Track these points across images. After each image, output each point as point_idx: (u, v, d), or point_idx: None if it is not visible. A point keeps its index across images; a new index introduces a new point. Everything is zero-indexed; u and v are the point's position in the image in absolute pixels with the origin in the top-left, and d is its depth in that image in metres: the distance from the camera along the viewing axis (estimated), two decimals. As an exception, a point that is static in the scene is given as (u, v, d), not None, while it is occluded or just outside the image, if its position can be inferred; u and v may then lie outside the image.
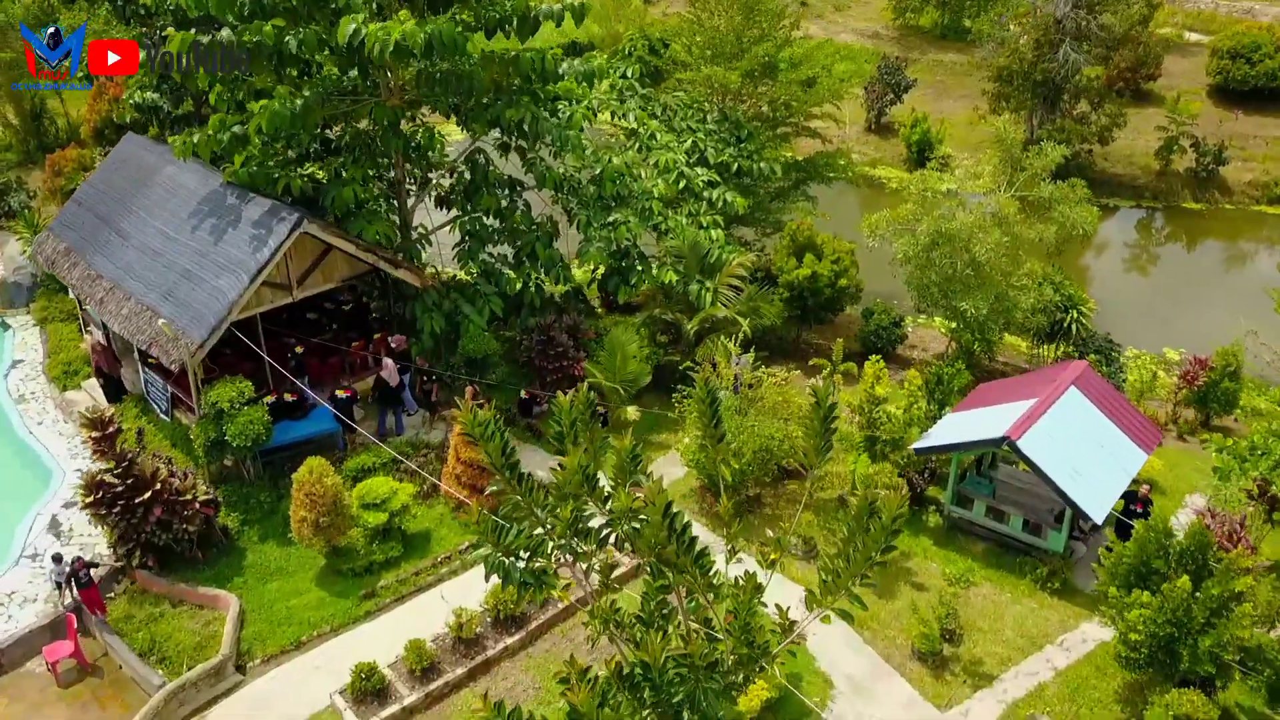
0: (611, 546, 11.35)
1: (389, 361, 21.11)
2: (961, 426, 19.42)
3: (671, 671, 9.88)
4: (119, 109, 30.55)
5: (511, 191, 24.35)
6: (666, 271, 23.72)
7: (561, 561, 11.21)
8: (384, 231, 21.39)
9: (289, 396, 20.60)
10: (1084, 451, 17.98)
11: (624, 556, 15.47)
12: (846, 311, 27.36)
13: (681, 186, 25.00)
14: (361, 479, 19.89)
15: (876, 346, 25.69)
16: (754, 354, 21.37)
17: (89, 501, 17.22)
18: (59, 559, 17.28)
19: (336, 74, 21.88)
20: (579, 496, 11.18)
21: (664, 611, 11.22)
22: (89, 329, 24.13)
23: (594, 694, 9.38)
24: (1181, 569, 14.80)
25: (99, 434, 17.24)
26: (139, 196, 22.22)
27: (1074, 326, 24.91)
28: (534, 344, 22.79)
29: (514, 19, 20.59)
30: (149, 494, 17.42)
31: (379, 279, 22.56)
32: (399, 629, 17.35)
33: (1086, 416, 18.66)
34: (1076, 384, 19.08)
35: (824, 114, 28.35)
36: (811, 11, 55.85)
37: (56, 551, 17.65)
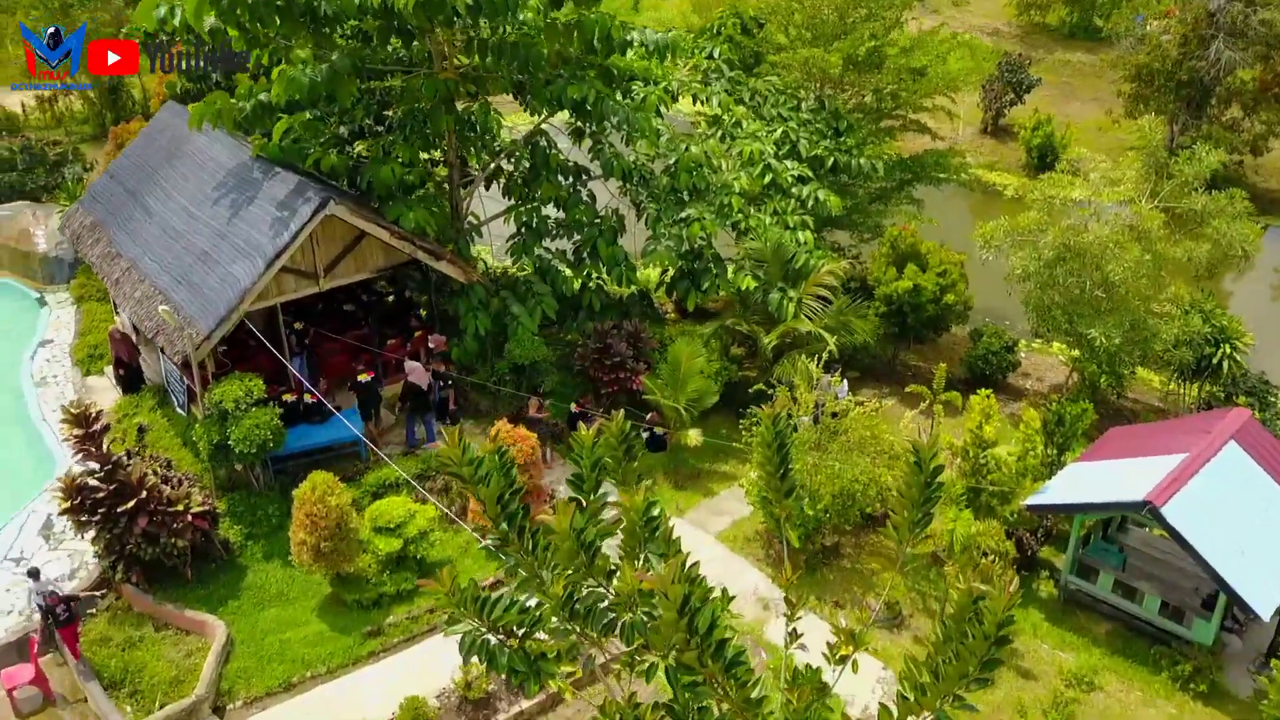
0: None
1: (414, 364, 18.73)
2: (1088, 481, 16.03)
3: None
4: (184, 80, 29.12)
5: (575, 180, 21.79)
6: (744, 277, 20.80)
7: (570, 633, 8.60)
8: (424, 219, 19.02)
9: (308, 398, 18.39)
10: (1246, 524, 14.44)
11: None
12: (952, 331, 23.99)
13: (767, 181, 22.04)
14: (384, 495, 17.59)
15: (984, 373, 22.30)
16: (840, 376, 18.39)
17: (67, 507, 15.22)
18: (36, 575, 15.07)
19: (391, 42, 19.67)
20: (576, 569, 8.56)
21: (699, 707, 8.47)
22: (120, 311, 22.49)
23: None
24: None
25: (81, 431, 15.25)
26: (168, 170, 20.37)
27: (1225, 364, 21.08)
28: (589, 351, 20.17)
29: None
30: (133, 503, 15.35)
31: (421, 271, 20.23)
32: (403, 677, 14.96)
33: (1250, 480, 15.08)
34: (1237, 438, 15.48)
35: (936, 107, 24.97)
36: (928, 6, 52.09)
37: (34, 566, 15.47)
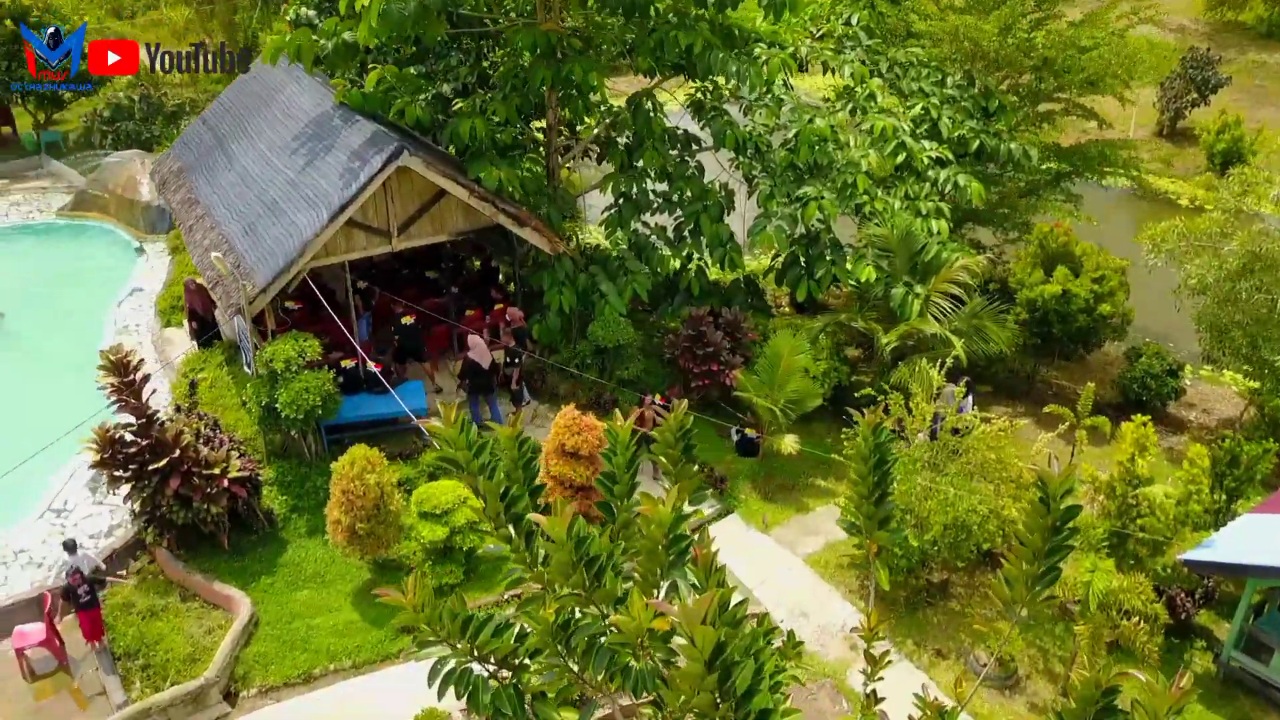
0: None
1: (477, 339, 17.07)
2: (1266, 537, 12.99)
3: None
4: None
5: (683, 150, 19.76)
6: (864, 267, 18.34)
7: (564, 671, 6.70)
8: (508, 179, 17.35)
9: (373, 365, 17.00)
10: None
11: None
12: (1105, 348, 20.86)
13: (900, 161, 19.49)
14: (439, 477, 16.04)
15: (1140, 399, 19.15)
16: (965, 387, 15.79)
17: (98, 460, 14.18)
18: (71, 547, 13.78)
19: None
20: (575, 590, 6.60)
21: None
22: (206, 263, 21.78)
23: None
24: None
25: (118, 380, 14.18)
26: (255, 116, 19.40)
27: None
28: (680, 339, 18.13)
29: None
30: (165, 462, 14.21)
31: (505, 239, 18.59)
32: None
33: None
34: None
35: (1106, 89, 21.75)
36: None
37: (70, 538, 14.19)
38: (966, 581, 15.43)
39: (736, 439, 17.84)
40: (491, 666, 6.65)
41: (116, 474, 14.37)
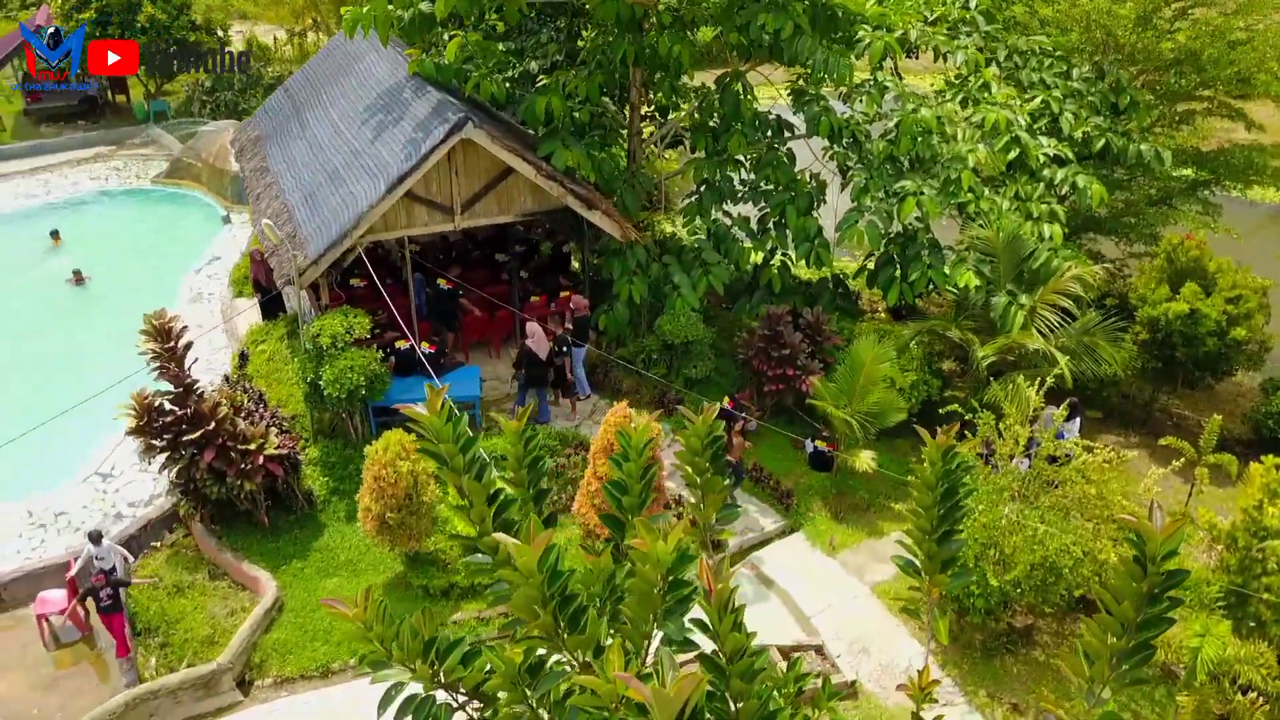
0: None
1: (535, 327, 16.09)
2: None
3: None
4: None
5: (775, 136, 18.39)
6: (964, 271, 16.66)
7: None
8: (579, 159, 16.34)
9: (426, 346, 16.25)
10: None
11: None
12: (1236, 377, 18.59)
13: (1012, 158, 17.70)
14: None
15: (1276, 438, 16.91)
16: (1067, 409, 14.03)
17: (134, 427, 13.75)
18: (97, 539, 13.20)
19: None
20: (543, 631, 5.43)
21: None
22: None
23: None
24: None
25: (158, 346, 13.72)
26: (332, 85, 18.93)
27: None
28: (755, 339, 16.81)
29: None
30: (199, 433, 13.69)
31: (576, 223, 17.58)
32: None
33: None
34: None
35: (1260, 89, 19.40)
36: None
37: (96, 528, 13.57)
38: (1054, 629, 13.70)
39: (809, 451, 16.43)
40: (461, 696, 5.58)
41: (153, 442, 13.93)
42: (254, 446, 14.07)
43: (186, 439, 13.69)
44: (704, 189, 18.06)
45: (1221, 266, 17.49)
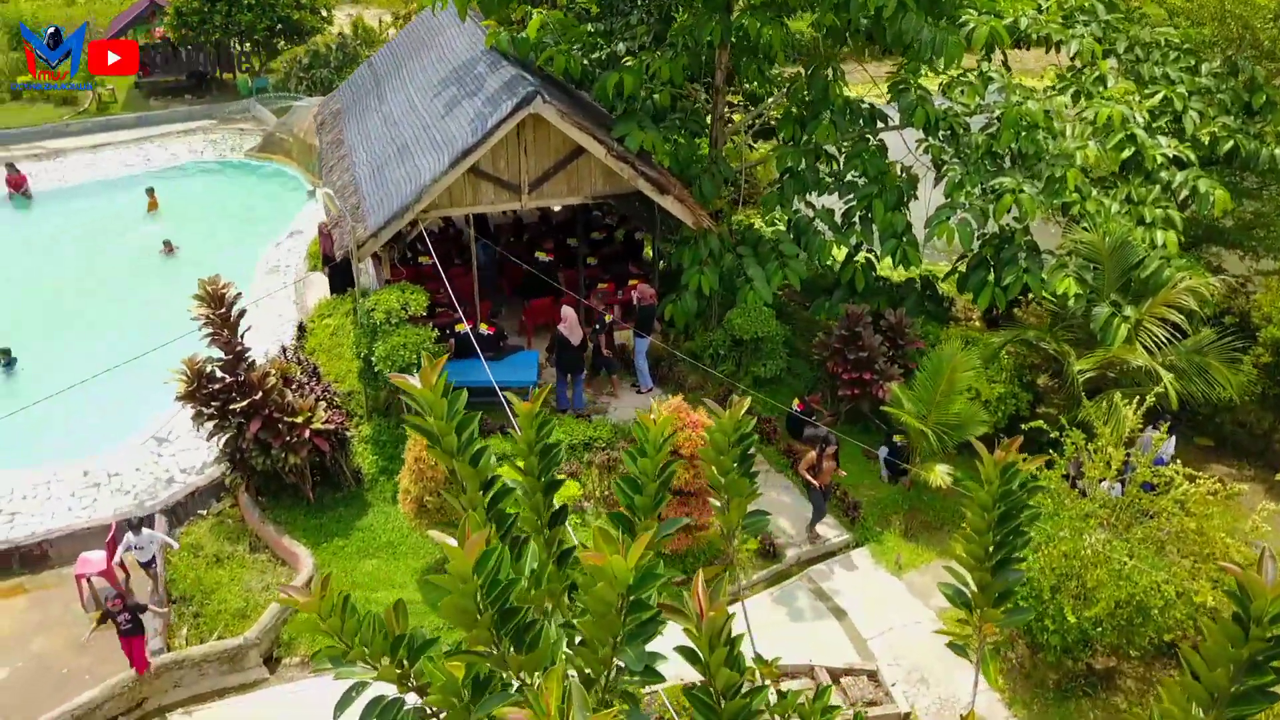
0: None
1: (569, 311, 15.39)
2: None
3: None
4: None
5: (867, 125, 17.31)
6: (1064, 278, 15.32)
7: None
8: (654, 141, 15.60)
9: (485, 328, 15.76)
10: None
11: None
12: (1374, 411, 16.75)
13: (1126, 157, 16.26)
14: (539, 459, 14.63)
15: None
16: (1167, 432, 12.71)
17: (184, 392, 13.59)
18: (138, 527, 12.71)
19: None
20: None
21: None
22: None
23: None
24: None
25: (211, 313, 13.52)
26: (412, 60, 18.63)
27: None
28: (831, 339, 15.81)
29: None
30: (246, 403, 13.44)
31: (649, 209, 16.83)
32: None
33: None
34: None
35: None
36: None
37: (137, 515, 13.23)
38: (1140, 674, 12.36)
39: (884, 454, 15.33)
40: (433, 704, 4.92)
41: (202, 409, 13.75)
42: (300, 420, 13.78)
43: (234, 408, 13.47)
44: (787, 178, 17.11)
45: (1361, 286, 15.74)
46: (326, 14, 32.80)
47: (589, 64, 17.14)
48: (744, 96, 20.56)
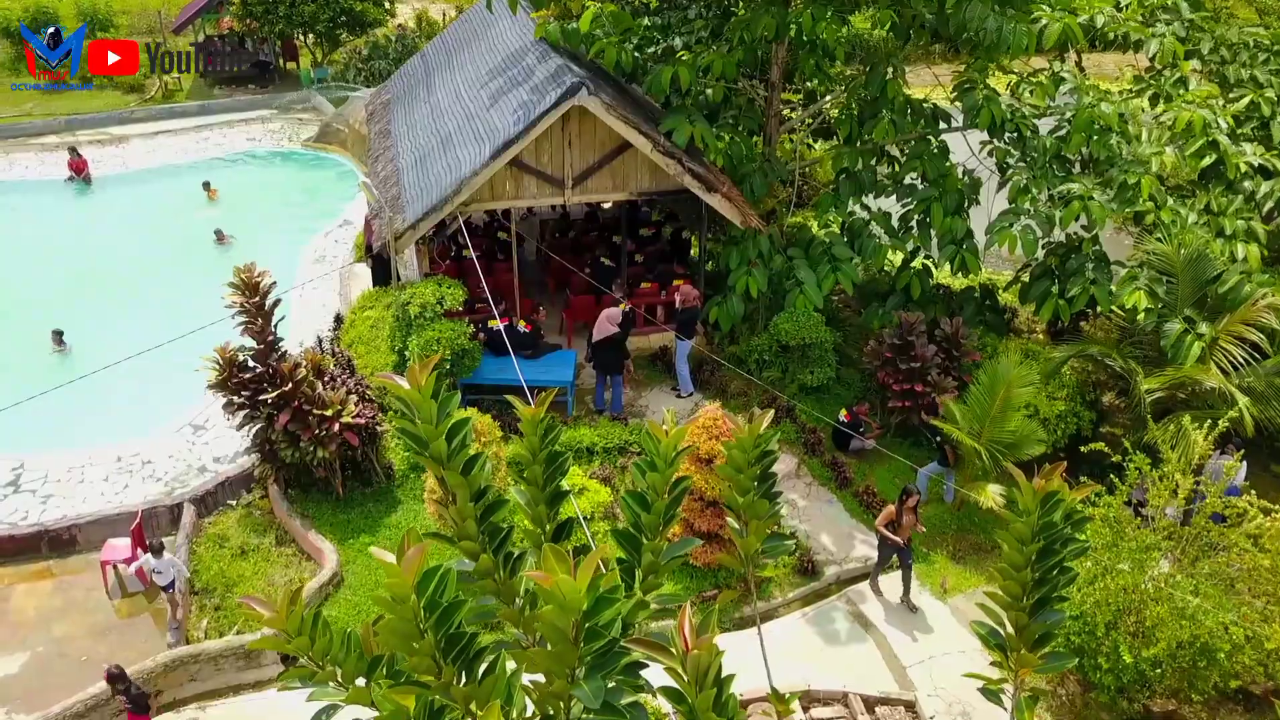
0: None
1: (614, 312, 14.89)
2: None
3: None
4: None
5: (928, 125, 16.55)
6: (1133, 291, 14.42)
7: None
8: (704, 135, 15.06)
9: (522, 325, 15.36)
10: None
11: None
12: None
13: (1206, 164, 15.28)
14: (571, 460, 14.22)
15: None
16: (1241, 459, 11.79)
17: (215, 381, 13.41)
18: (158, 550, 11.99)
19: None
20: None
21: None
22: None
23: None
24: None
25: (244, 300, 13.33)
26: (463, 50, 18.35)
27: None
28: (882, 347, 15.11)
29: None
30: (276, 394, 13.22)
31: (695, 206, 16.29)
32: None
33: None
34: None
35: None
36: None
37: (160, 540, 12.34)
38: (1203, 715, 11.49)
39: (936, 442, 14.46)
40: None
41: (233, 398, 13.56)
42: (330, 413, 13.52)
43: (264, 398, 13.26)
44: (842, 178, 16.45)
45: None
46: (389, 6, 32.83)
47: (641, 58, 16.63)
48: (802, 94, 19.89)
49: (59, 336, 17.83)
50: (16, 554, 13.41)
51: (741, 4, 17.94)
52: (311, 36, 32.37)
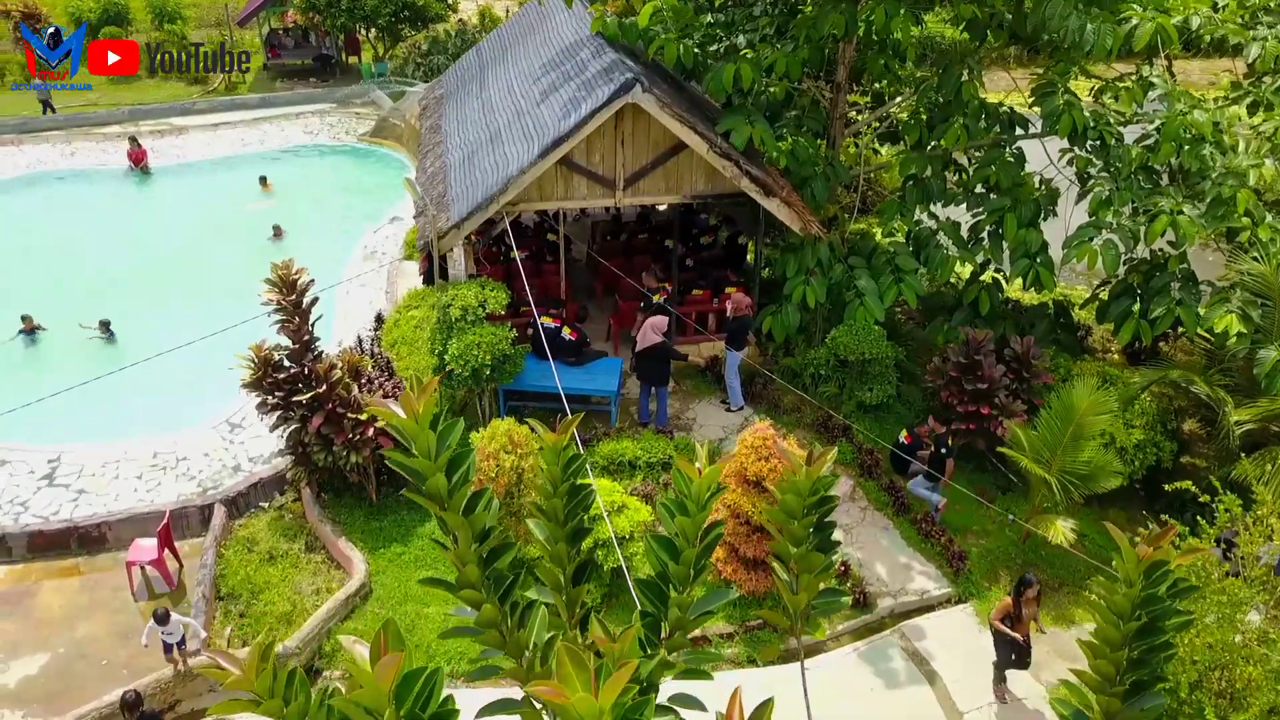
0: None
1: (659, 320, 14.18)
2: None
3: None
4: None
5: (1004, 130, 15.60)
6: (1224, 314, 13.33)
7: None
8: (763, 136, 14.31)
9: (568, 333, 14.76)
10: None
11: None
12: None
13: (1309, 179, 14.10)
14: (617, 476, 13.61)
15: None
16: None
17: (248, 381, 13.02)
18: (164, 618, 10.94)
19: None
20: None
21: None
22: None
23: None
24: None
25: (281, 298, 12.91)
26: (518, 45, 17.83)
27: None
28: (947, 365, 14.21)
29: None
30: (309, 396, 12.78)
31: (751, 210, 15.52)
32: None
33: None
34: None
35: None
36: None
37: (162, 608, 11.03)
38: (1296, 790, 10.43)
39: (936, 451, 13.49)
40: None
41: (268, 398, 13.17)
42: (365, 417, 13.05)
43: (298, 399, 12.84)
44: (909, 185, 15.57)
45: None
46: (451, 1, 32.56)
47: (702, 55, 15.93)
48: (869, 96, 19.00)
49: (105, 326, 17.70)
50: (47, 549, 13.19)
51: (809, 1, 17.18)
52: (374, 31, 32.25)
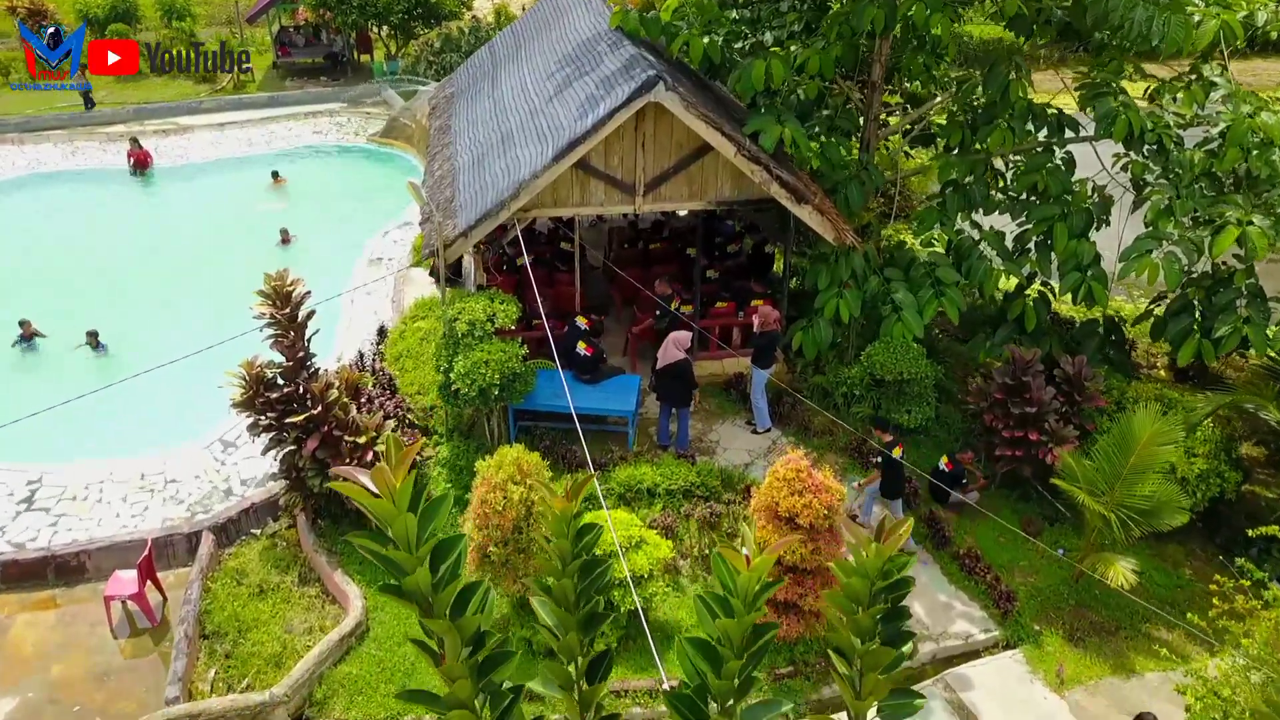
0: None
1: (682, 336, 13.16)
2: None
3: None
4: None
5: (1053, 134, 14.52)
6: (1293, 334, 12.25)
7: None
8: (795, 138, 13.29)
9: (583, 348, 13.76)
10: None
11: None
12: None
13: (1389, 188, 12.97)
14: (634, 504, 12.62)
15: None
16: None
17: (239, 400, 12.06)
18: None
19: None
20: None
21: None
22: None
23: None
24: None
25: (274, 311, 11.97)
26: (533, 41, 16.85)
27: None
28: (992, 387, 13.15)
29: None
30: (304, 418, 11.83)
31: (781, 218, 14.49)
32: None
33: None
34: None
35: None
36: None
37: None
38: None
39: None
40: None
41: (259, 419, 12.23)
42: (364, 440, 12.10)
43: (290, 420, 11.89)
44: (949, 191, 14.51)
45: None
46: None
47: (729, 53, 14.94)
48: (903, 96, 17.95)
49: (94, 338, 16.82)
50: (21, 579, 12.28)
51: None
52: (386, 28, 31.39)
